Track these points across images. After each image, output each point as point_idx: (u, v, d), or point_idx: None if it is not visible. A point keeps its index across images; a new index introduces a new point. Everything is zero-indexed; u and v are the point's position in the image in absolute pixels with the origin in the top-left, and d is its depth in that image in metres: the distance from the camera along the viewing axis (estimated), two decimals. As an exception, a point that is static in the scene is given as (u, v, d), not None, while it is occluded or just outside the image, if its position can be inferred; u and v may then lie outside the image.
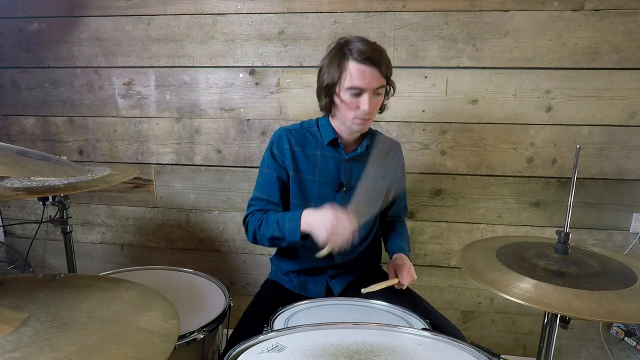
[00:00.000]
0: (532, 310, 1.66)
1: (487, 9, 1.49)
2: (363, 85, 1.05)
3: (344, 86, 1.06)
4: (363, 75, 1.04)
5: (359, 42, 1.05)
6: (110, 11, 1.68)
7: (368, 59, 1.03)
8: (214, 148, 1.75)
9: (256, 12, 1.60)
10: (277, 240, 1.11)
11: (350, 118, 1.10)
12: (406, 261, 1.20)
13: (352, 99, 1.07)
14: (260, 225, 1.14)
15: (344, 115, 1.11)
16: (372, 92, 1.06)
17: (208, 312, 1.08)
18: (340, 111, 1.11)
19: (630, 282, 0.83)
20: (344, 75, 1.05)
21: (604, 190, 1.59)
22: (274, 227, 1.10)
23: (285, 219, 1.09)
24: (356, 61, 1.04)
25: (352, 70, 1.04)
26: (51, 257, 2.00)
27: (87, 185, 1.07)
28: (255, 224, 1.15)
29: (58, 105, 1.81)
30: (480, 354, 0.76)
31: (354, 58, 1.04)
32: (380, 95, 1.10)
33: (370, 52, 1.04)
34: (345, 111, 1.10)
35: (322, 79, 1.11)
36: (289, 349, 0.75)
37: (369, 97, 1.06)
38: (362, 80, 1.04)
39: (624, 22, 1.44)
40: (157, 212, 1.86)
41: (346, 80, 1.05)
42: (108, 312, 0.71)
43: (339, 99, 1.09)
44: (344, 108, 1.09)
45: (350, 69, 1.04)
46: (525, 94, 1.54)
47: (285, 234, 1.07)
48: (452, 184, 1.66)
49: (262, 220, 1.14)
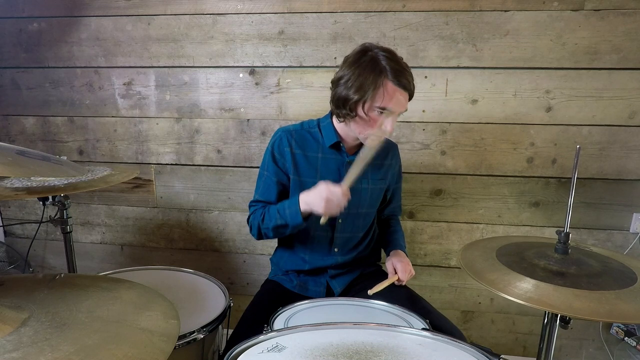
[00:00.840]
0: (532, 310, 1.66)
1: (487, 9, 1.49)
2: (395, 108, 1.03)
3: (375, 104, 1.03)
4: (397, 99, 1.03)
5: (393, 60, 1.02)
6: (110, 11, 1.68)
7: (405, 84, 1.02)
8: (214, 148, 1.75)
9: (256, 12, 1.60)
10: (281, 228, 1.13)
11: (369, 134, 1.08)
12: (403, 257, 1.21)
13: (378, 116, 1.05)
14: (263, 219, 1.16)
15: (361, 129, 1.09)
16: (397, 114, 1.06)
17: (208, 312, 1.09)
18: (359, 125, 1.08)
19: (630, 282, 0.83)
20: (378, 93, 1.02)
21: (603, 190, 1.59)
22: (276, 216, 1.12)
23: (285, 206, 1.11)
24: (393, 83, 1.01)
25: (389, 91, 1.02)
26: (51, 257, 2.00)
27: (87, 185, 1.07)
28: (259, 219, 1.17)
29: (58, 105, 1.81)
30: (480, 354, 0.76)
31: (392, 79, 1.01)
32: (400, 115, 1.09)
33: (405, 74, 1.02)
34: (365, 127, 1.07)
35: (346, 90, 1.05)
36: (289, 349, 0.75)
37: (393, 119, 1.05)
38: (396, 103, 1.03)
39: (624, 22, 1.44)
40: (157, 212, 1.86)
41: (379, 99, 1.02)
42: (108, 312, 0.71)
43: (364, 114, 1.05)
44: (365, 124, 1.07)
45: (387, 90, 1.02)
46: (525, 94, 1.54)
47: (288, 220, 1.10)
48: (452, 184, 1.66)
49: (264, 214, 1.16)
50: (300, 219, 1.07)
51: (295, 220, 1.08)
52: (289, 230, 1.13)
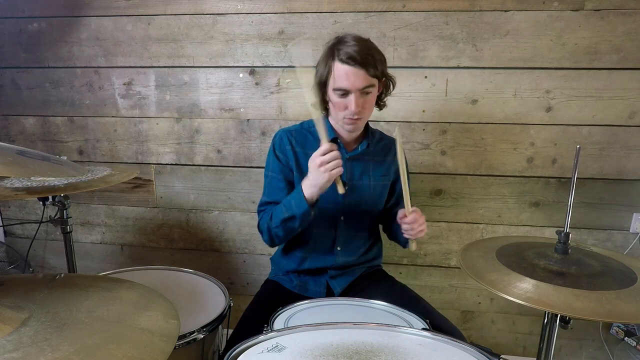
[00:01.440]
0: (532, 310, 1.65)
1: (487, 9, 1.49)
2: (347, 87, 1.05)
3: (331, 87, 1.08)
4: (347, 76, 1.04)
5: (349, 42, 1.05)
6: (110, 11, 1.68)
7: (352, 58, 1.02)
8: (214, 148, 1.75)
9: (256, 12, 1.60)
10: (289, 221, 1.10)
11: (341, 118, 1.11)
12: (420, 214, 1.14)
13: (340, 99, 1.07)
14: (271, 217, 1.15)
15: (335, 115, 1.13)
16: (359, 92, 1.06)
17: (208, 312, 1.09)
18: (332, 111, 1.14)
19: (630, 282, 0.83)
20: (330, 76, 1.07)
21: (603, 190, 1.59)
22: (282, 210, 1.11)
23: (289, 198, 1.11)
24: (341, 62, 1.04)
25: (336, 72, 1.05)
26: (51, 257, 2.00)
27: (87, 185, 1.07)
28: (267, 220, 1.16)
29: (58, 105, 1.81)
30: (480, 354, 0.76)
31: (340, 59, 1.04)
32: (369, 94, 1.09)
33: (356, 52, 1.03)
34: (335, 111, 1.11)
35: (315, 79, 1.12)
36: (289, 349, 0.75)
37: (355, 97, 1.05)
38: (346, 81, 1.04)
39: (624, 22, 1.44)
40: (157, 212, 1.86)
41: (332, 81, 1.07)
42: (108, 312, 0.71)
43: (329, 99, 1.11)
44: (334, 108, 1.11)
45: (334, 70, 1.05)
46: (525, 94, 1.54)
47: (294, 210, 1.08)
48: (452, 184, 1.66)
49: (272, 213, 1.15)
50: (305, 205, 1.05)
51: (301, 208, 1.06)
52: (297, 223, 1.09)
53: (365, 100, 1.08)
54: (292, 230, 1.13)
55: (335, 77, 1.05)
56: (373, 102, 1.13)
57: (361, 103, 1.07)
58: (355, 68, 1.03)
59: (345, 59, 1.03)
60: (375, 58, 1.06)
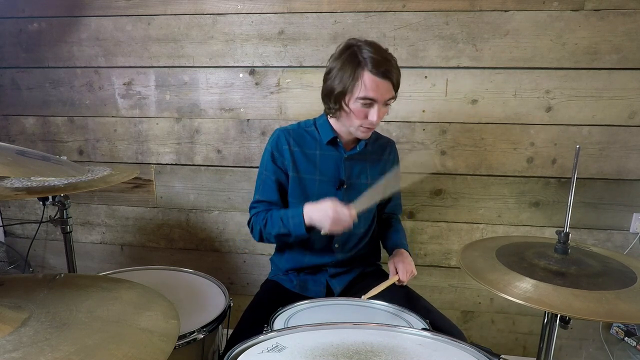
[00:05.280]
0: (532, 310, 1.65)
1: (487, 9, 1.49)
2: (376, 97, 1.05)
3: (356, 95, 1.05)
4: (377, 87, 1.04)
5: (373, 51, 1.04)
6: (110, 11, 1.67)
7: (385, 71, 1.03)
8: (214, 148, 1.75)
9: (256, 12, 1.60)
10: (284, 237, 1.13)
11: (356, 126, 1.10)
12: (406, 256, 1.21)
13: (362, 108, 1.07)
14: (265, 224, 1.16)
15: (350, 122, 1.11)
16: (382, 103, 1.07)
17: (208, 312, 1.09)
18: (347, 118, 1.11)
19: (630, 282, 0.83)
20: (358, 85, 1.04)
21: (603, 190, 1.59)
22: (279, 224, 1.12)
23: (289, 216, 1.11)
24: (371, 73, 1.02)
25: (366, 82, 1.03)
26: (51, 257, 2.00)
27: (87, 185, 1.07)
28: (261, 224, 1.17)
29: (58, 105, 1.81)
30: (480, 354, 0.76)
31: (369, 69, 1.02)
32: (388, 106, 1.10)
33: (384, 63, 1.03)
34: (352, 119, 1.10)
35: (331, 84, 1.09)
36: (289, 349, 0.75)
37: (378, 108, 1.06)
38: (375, 92, 1.04)
39: (624, 22, 1.44)
40: (157, 212, 1.86)
41: (359, 90, 1.04)
42: (108, 312, 0.71)
43: (348, 107, 1.08)
44: (351, 116, 1.09)
45: (365, 80, 1.03)
46: (525, 94, 1.54)
47: (291, 230, 1.10)
48: (452, 184, 1.66)
49: (267, 220, 1.15)
50: (303, 230, 1.08)
51: (299, 232, 1.09)
52: (292, 239, 1.14)
53: (384, 111, 1.10)
54: (285, 241, 1.18)
55: (365, 86, 1.03)
56: (387, 112, 1.13)
57: (381, 114, 1.08)
58: (384, 80, 1.03)
59: (375, 71, 1.02)
60: (397, 69, 1.07)
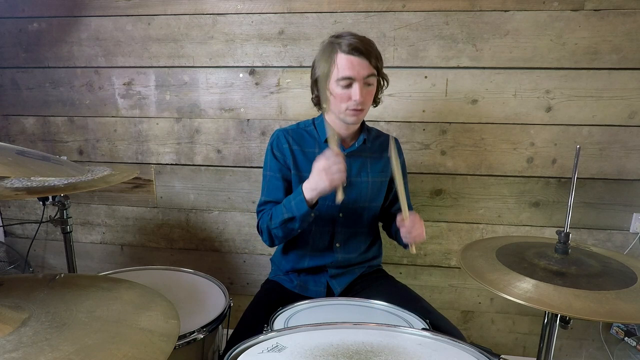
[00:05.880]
0: (532, 310, 1.66)
1: (487, 9, 1.49)
2: (352, 75, 1.07)
3: (335, 78, 1.08)
4: (352, 65, 1.06)
5: (348, 36, 1.09)
6: (110, 11, 1.67)
7: (356, 49, 1.06)
8: (214, 148, 1.75)
9: (256, 12, 1.60)
10: (289, 222, 1.10)
11: (343, 110, 1.11)
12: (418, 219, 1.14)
13: (343, 90, 1.08)
14: (270, 218, 1.15)
15: (337, 107, 1.12)
16: (362, 81, 1.08)
17: (208, 312, 1.09)
18: (333, 104, 1.13)
19: (630, 282, 0.83)
20: (333, 67, 1.08)
21: (604, 190, 1.59)
22: (282, 210, 1.11)
23: (290, 199, 1.10)
24: (344, 52, 1.06)
25: (340, 62, 1.07)
26: (51, 257, 2.00)
27: (87, 185, 1.07)
28: (267, 220, 1.16)
29: (58, 105, 1.81)
30: (480, 354, 0.76)
31: (342, 50, 1.07)
32: (371, 85, 1.11)
33: (357, 43, 1.07)
34: (338, 103, 1.11)
35: (314, 73, 1.16)
36: (289, 349, 0.75)
37: (359, 86, 1.07)
38: (351, 70, 1.06)
39: (624, 22, 1.44)
40: (157, 212, 1.86)
41: (335, 72, 1.08)
42: (108, 312, 0.71)
43: (330, 92, 1.11)
44: (336, 100, 1.11)
45: (338, 61, 1.07)
46: (525, 94, 1.54)
47: (294, 211, 1.07)
48: (452, 184, 1.65)
49: (272, 214, 1.15)
50: (305, 206, 1.05)
51: (302, 209, 1.06)
52: (297, 224, 1.09)
53: (367, 91, 1.11)
54: (291, 230, 1.13)
55: (339, 67, 1.07)
56: (373, 94, 1.14)
57: (364, 93, 1.09)
58: (359, 58, 1.06)
59: (348, 50, 1.06)
60: (375, 49, 1.11)
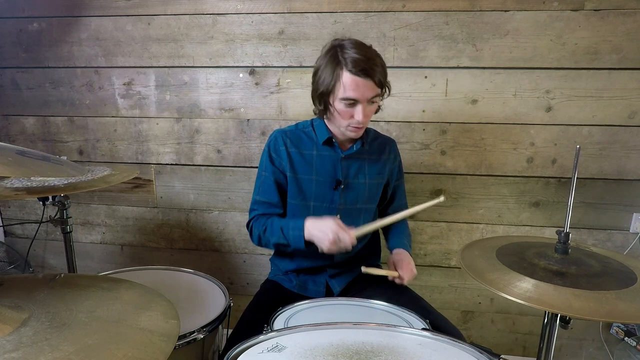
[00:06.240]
0: (532, 310, 1.66)
1: (487, 9, 1.49)
2: (357, 97, 1.04)
3: (338, 96, 1.06)
4: (357, 86, 1.03)
5: (354, 50, 1.03)
6: (110, 11, 1.67)
7: (362, 70, 1.01)
8: (214, 148, 1.75)
9: (256, 12, 1.60)
10: (282, 246, 1.15)
11: (345, 125, 1.11)
12: (406, 256, 1.20)
13: (346, 108, 1.07)
14: (264, 230, 1.16)
15: (338, 122, 1.12)
16: (367, 102, 1.06)
17: (208, 312, 1.09)
18: (335, 118, 1.12)
19: (630, 282, 0.83)
20: (338, 85, 1.05)
21: (604, 190, 1.59)
22: (279, 233, 1.12)
23: (289, 227, 1.10)
24: (350, 72, 1.02)
25: (345, 82, 1.03)
26: (51, 257, 2.00)
27: (87, 185, 1.07)
28: (260, 229, 1.17)
29: (58, 105, 1.81)
30: (480, 354, 0.76)
31: (348, 69, 1.02)
32: (374, 103, 1.10)
33: (364, 62, 1.02)
34: (339, 119, 1.10)
35: (317, 84, 1.10)
36: (289, 349, 0.75)
37: (362, 107, 1.06)
38: (355, 92, 1.03)
39: (624, 22, 1.44)
40: (157, 212, 1.86)
41: (340, 90, 1.05)
42: (108, 312, 0.71)
43: (333, 108, 1.09)
44: (338, 116, 1.10)
45: (343, 80, 1.03)
46: (525, 94, 1.54)
47: (290, 242, 1.10)
48: (452, 184, 1.65)
49: (267, 227, 1.16)
50: (302, 245, 1.08)
51: (298, 245, 1.09)
52: (290, 250, 1.16)
53: (370, 109, 1.09)
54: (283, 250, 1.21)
55: (344, 87, 1.03)
56: (375, 108, 1.13)
57: (367, 112, 1.08)
58: (365, 80, 1.02)
59: (355, 71, 1.01)
60: (380, 68, 1.06)
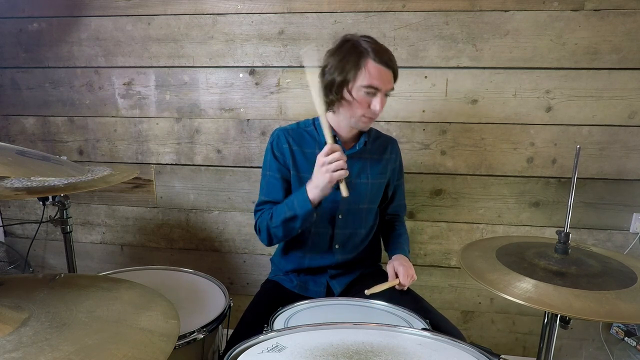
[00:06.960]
0: (532, 310, 1.65)
1: (487, 9, 1.49)
2: (380, 85, 1.07)
3: (360, 84, 1.07)
4: (381, 76, 1.06)
5: (372, 42, 1.08)
6: (110, 11, 1.68)
7: (386, 61, 1.06)
8: (214, 148, 1.75)
9: (256, 12, 1.60)
10: (291, 221, 1.10)
11: (358, 115, 1.11)
12: (405, 261, 1.20)
13: (365, 97, 1.08)
14: (271, 217, 1.14)
15: (351, 112, 1.12)
16: (385, 93, 1.09)
17: (208, 312, 1.09)
18: (348, 108, 1.12)
19: (630, 282, 0.83)
20: (361, 73, 1.06)
21: (604, 190, 1.59)
22: (284, 209, 1.10)
23: (292, 197, 1.10)
24: (375, 61, 1.06)
25: (371, 70, 1.06)
26: (51, 257, 2.00)
27: (87, 185, 1.07)
28: (267, 219, 1.15)
29: (58, 105, 1.81)
30: (480, 354, 0.76)
31: (372, 58, 1.06)
32: (387, 97, 1.12)
33: (386, 52, 1.08)
34: (354, 109, 1.10)
35: (331, 76, 1.09)
36: (289, 349, 0.75)
37: (381, 97, 1.08)
38: (379, 80, 1.06)
39: (624, 22, 1.44)
40: (157, 212, 1.86)
41: (363, 78, 1.06)
42: (108, 312, 0.71)
43: (351, 96, 1.09)
44: (354, 105, 1.10)
45: (369, 68, 1.06)
46: (525, 94, 1.54)
47: (297, 210, 1.07)
48: (452, 184, 1.66)
49: (272, 213, 1.14)
50: (309, 205, 1.05)
51: (304, 208, 1.06)
52: (299, 223, 1.09)
53: (384, 102, 1.11)
54: (292, 230, 1.12)
55: (369, 74, 1.06)
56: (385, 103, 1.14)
57: (383, 104, 1.10)
58: (387, 70, 1.07)
59: (379, 60, 1.05)
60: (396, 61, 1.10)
